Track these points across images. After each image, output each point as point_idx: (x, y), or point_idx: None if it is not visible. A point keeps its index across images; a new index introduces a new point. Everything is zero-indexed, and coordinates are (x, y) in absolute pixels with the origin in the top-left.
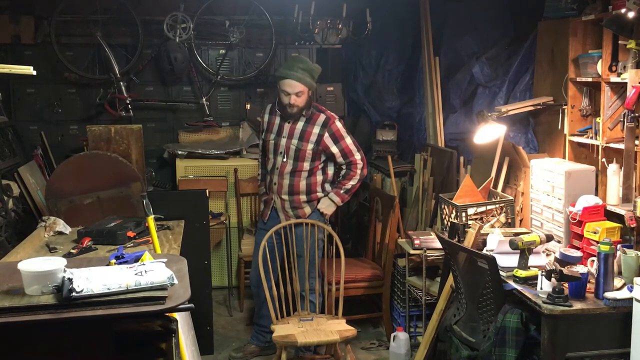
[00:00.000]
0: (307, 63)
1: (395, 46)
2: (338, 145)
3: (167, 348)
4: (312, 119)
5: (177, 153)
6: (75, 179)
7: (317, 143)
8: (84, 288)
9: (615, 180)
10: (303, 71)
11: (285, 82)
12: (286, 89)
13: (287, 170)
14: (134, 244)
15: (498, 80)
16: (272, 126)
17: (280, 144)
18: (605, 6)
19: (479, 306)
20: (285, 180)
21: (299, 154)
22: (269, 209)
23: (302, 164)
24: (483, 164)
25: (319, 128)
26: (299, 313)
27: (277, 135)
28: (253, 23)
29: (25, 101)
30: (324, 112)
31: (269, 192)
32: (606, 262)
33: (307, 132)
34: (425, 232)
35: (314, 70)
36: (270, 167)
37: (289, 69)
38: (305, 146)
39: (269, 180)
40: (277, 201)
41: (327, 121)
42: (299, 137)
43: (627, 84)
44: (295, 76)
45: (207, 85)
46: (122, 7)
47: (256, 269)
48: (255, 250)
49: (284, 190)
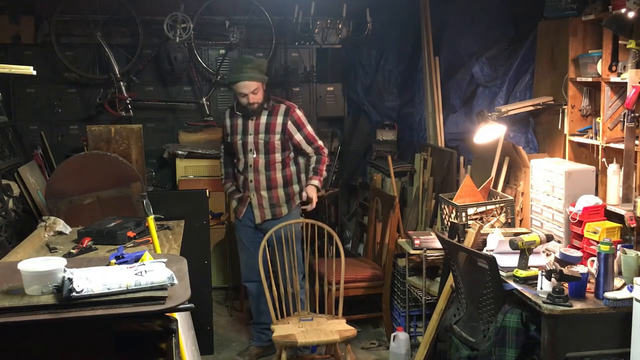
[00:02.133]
0: (252, 61)
1: (395, 46)
2: (301, 132)
3: (167, 348)
4: (273, 110)
5: (177, 153)
6: (75, 179)
7: (282, 132)
8: (84, 288)
9: (615, 180)
10: (252, 69)
11: (239, 85)
12: (242, 90)
13: (261, 164)
14: (134, 244)
15: (498, 80)
16: (236, 127)
17: (248, 142)
18: (605, 6)
19: (479, 306)
20: (262, 175)
21: (269, 146)
22: (245, 206)
23: (274, 155)
24: (483, 164)
25: (282, 117)
26: (299, 313)
27: (243, 134)
28: (253, 23)
29: (25, 101)
30: (284, 103)
31: (244, 190)
32: (606, 262)
33: (272, 124)
34: (425, 232)
35: (261, 65)
36: (242, 167)
37: (238, 71)
38: (273, 138)
39: (243, 179)
40: (253, 198)
41: (288, 110)
42: (265, 130)
43: (627, 84)
44: (247, 76)
45: (207, 85)
46: (122, 7)
47: (246, 266)
48: (238, 246)
49: (262, 186)
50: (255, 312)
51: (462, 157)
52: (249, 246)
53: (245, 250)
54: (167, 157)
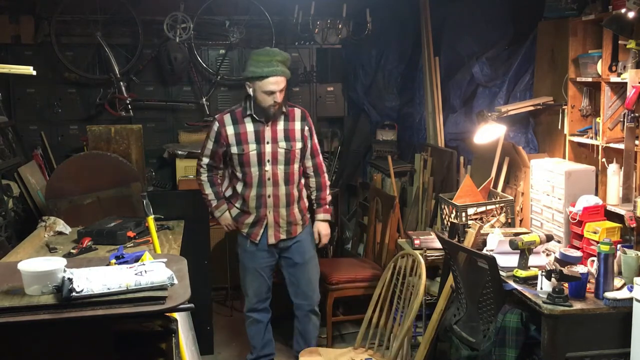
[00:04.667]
0: (281, 53)
1: (395, 46)
2: (312, 140)
3: (167, 348)
4: (289, 115)
5: (177, 153)
6: (75, 179)
7: (302, 140)
8: (84, 288)
9: (615, 180)
10: (282, 63)
11: (268, 81)
12: (271, 88)
13: (280, 177)
14: (134, 244)
15: (498, 80)
16: (245, 136)
17: (265, 152)
18: (605, 6)
19: (479, 306)
20: (281, 189)
21: (290, 155)
22: (262, 227)
23: (293, 166)
24: (483, 164)
25: (299, 123)
26: (356, 349)
27: (257, 143)
28: (253, 23)
29: (25, 101)
30: (296, 106)
31: (259, 209)
32: (606, 262)
33: (291, 131)
34: (425, 232)
35: (286, 58)
36: (256, 182)
37: (269, 65)
38: (294, 145)
39: (257, 196)
40: (269, 216)
41: (304, 114)
42: (285, 137)
43: (627, 84)
44: (279, 70)
45: (207, 85)
46: (122, 7)
47: (256, 295)
48: (249, 275)
49: (282, 202)
50: (259, 344)
51: (462, 157)
52: (262, 272)
53: (257, 278)
54: (167, 157)
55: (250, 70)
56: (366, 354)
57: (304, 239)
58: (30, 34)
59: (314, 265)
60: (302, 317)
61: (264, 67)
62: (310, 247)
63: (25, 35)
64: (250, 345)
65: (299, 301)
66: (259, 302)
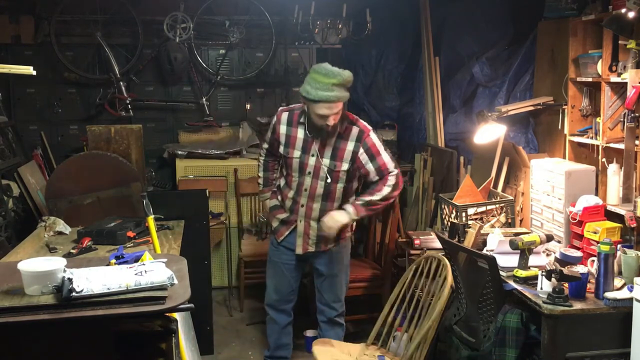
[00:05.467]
0: (341, 75)
1: (395, 46)
2: (374, 162)
3: (167, 348)
4: (344, 133)
5: (177, 153)
6: (75, 179)
7: (352, 161)
8: (84, 288)
9: (616, 180)
10: (339, 87)
11: (321, 105)
12: (323, 112)
13: (319, 192)
14: (134, 244)
15: (498, 80)
16: (294, 140)
17: (307, 163)
18: (605, 6)
19: (479, 306)
20: (316, 204)
21: (333, 175)
22: (289, 230)
23: (335, 185)
24: (483, 164)
25: (353, 144)
26: (369, 346)
27: (303, 152)
28: (253, 23)
29: (25, 101)
30: (357, 124)
31: (292, 213)
32: (606, 262)
33: (340, 150)
34: (425, 232)
35: (347, 80)
36: (295, 187)
37: (325, 90)
38: (340, 166)
39: (292, 201)
40: (299, 225)
41: (361, 135)
42: (331, 156)
43: (627, 84)
44: (334, 96)
45: (207, 85)
46: (122, 7)
47: (277, 292)
48: (271, 268)
49: (315, 215)
50: (274, 345)
51: (462, 157)
52: (285, 270)
53: (279, 274)
54: (167, 157)
55: (304, 88)
56: (379, 351)
57: (335, 251)
58: (30, 34)
59: (342, 279)
60: (322, 325)
61: (319, 91)
62: (341, 261)
63: (25, 35)
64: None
65: (321, 307)
66: (279, 301)
